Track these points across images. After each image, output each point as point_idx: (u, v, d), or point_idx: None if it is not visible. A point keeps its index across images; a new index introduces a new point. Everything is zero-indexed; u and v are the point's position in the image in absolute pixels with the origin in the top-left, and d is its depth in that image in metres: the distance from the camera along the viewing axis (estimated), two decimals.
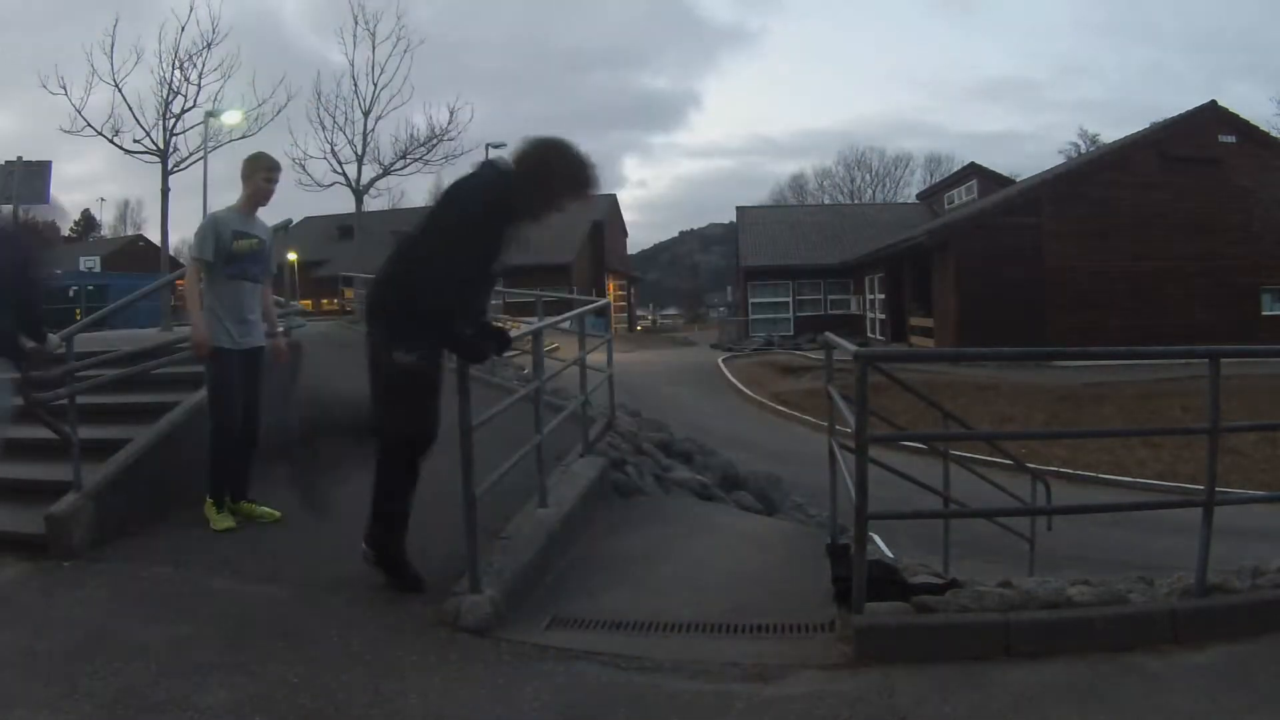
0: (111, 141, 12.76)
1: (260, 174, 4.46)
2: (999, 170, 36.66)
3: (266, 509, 4.56)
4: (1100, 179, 22.42)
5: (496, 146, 27.09)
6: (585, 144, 3.43)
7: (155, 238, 21.53)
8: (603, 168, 3.56)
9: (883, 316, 28.54)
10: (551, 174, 3.41)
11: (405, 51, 17.17)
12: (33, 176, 13.07)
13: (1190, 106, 22.96)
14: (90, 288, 26.61)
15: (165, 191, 12.69)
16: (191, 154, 13.38)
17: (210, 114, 13.87)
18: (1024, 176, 33.56)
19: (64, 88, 12.54)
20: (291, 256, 8.83)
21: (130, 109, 12.74)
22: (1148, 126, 24.68)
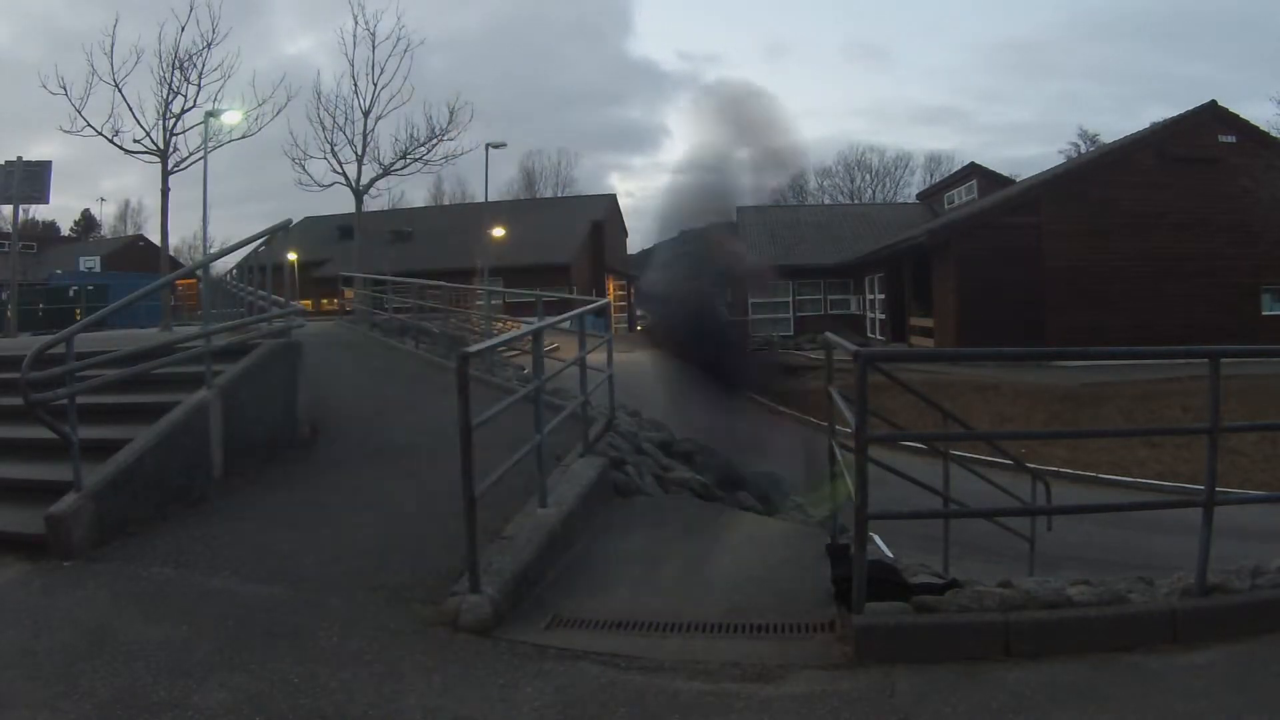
0: (111, 141, 12.74)
1: None
2: (998, 170, 36.65)
3: None
4: (1100, 179, 22.39)
5: (496, 147, 27.24)
6: (573, 163, 3.41)
7: (155, 238, 21.47)
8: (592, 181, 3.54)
9: (883, 316, 28.52)
10: None
11: (405, 51, 17.12)
12: (33, 176, 13.09)
13: (1126, 123, 23.00)
14: (90, 288, 26.65)
15: (165, 191, 12.67)
16: (191, 154, 13.36)
17: (210, 114, 13.85)
18: (1023, 176, 33.56)
19: (64, 88, 12.50)
20: (291, 256, 8.83)
21: (130, 109, 12.72)
22: (1147, 126, 24.67)
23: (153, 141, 12.71)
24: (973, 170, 36.08)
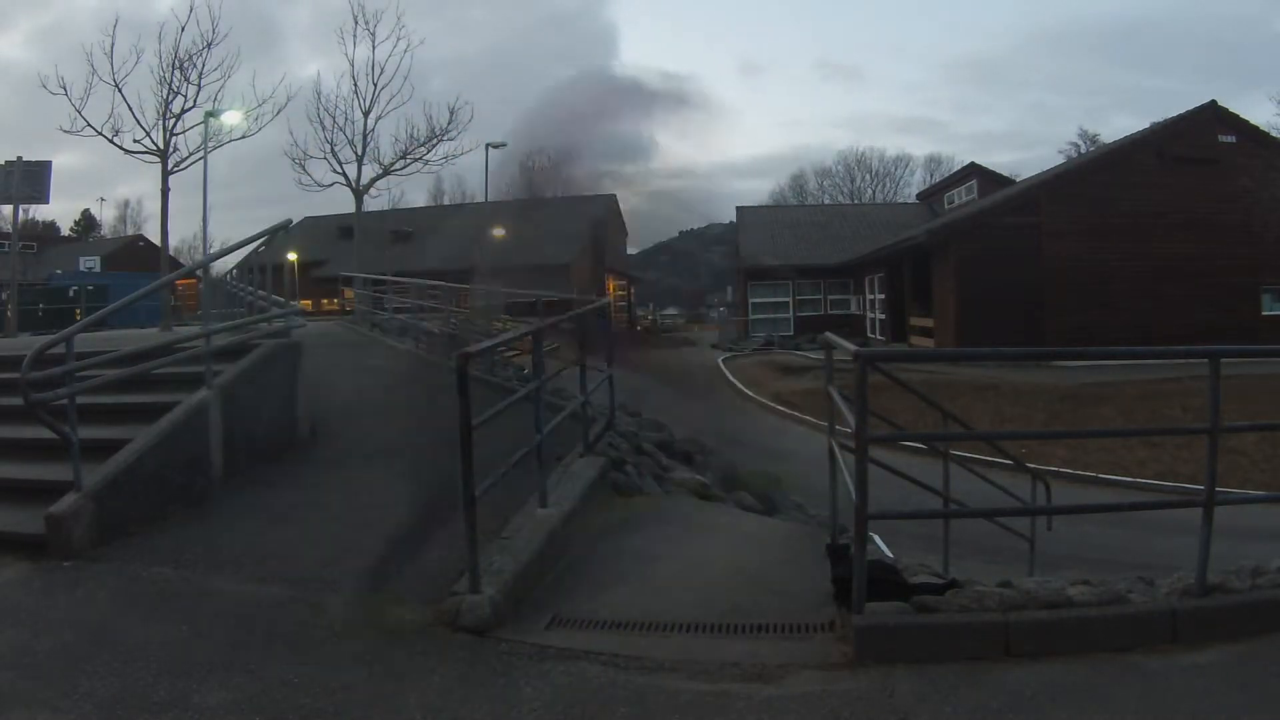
0: (111, 141, 12.74)
1: None
2: (998, 170, 36.68)
3: None
4: (1100, 179, 22.40)
5: (497, 146, 27.22)
6: (569, 170, 3.42)
7: (155, 238, 21.46)
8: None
9: (883, 316, 28.52)
10: None
11: (405, 51, 17.11)
12: (33, 176, 13.09)
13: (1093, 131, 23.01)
14: (90, 288, 26.64)
15: (165, 191, 12.68)
16: (191, 154, 13.37)
17: (210, 114, 13.85)
18: (1023, 176, 33.57)
19: (64, 88, 12.51)
20: (291, 256, 8.83)
21: (130, 109, 12.73)
22: (1148, 126, 24.67)
23: (153, 142, 12.73)
24: (973, 170, 36.07)
